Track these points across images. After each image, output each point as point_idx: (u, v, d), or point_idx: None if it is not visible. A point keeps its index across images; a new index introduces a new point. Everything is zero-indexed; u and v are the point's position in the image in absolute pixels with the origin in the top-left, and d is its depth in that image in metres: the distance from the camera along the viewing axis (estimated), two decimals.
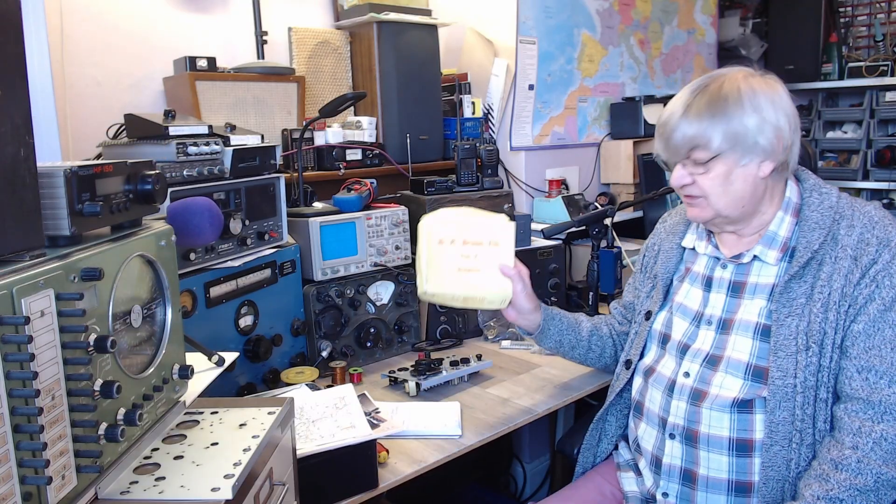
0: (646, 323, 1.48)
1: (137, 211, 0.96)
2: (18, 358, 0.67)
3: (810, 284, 1.24)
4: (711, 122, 1.23)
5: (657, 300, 1.47)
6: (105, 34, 1.92)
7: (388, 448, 1.38)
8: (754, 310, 1.29)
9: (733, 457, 1.26)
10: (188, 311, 1.45)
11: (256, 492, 0.90)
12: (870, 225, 1.25)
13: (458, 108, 2.55)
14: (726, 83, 1.25)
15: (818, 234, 1.25)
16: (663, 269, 1.48)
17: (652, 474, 1.38)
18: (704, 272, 1.40)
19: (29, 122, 0.75)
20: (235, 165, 1.59)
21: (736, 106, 1.23)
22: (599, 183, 2.90)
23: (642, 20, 3.01)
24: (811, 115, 3.85)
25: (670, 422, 1.33)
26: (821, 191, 1.32)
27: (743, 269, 1.34)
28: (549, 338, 1.61)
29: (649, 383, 1.41)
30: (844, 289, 1.21)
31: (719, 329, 1.32)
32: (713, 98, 1.24)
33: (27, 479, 0.69)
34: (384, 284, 1.93)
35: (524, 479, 2.65)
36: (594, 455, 1.55)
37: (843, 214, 1.27)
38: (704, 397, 1.29)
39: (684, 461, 1.32)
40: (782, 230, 1.30)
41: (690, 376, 1.32)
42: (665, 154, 1.32)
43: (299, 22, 2.31)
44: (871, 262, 1.21)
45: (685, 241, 1.46)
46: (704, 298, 1.37)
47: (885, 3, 3.78)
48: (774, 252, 1.30)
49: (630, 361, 1.49)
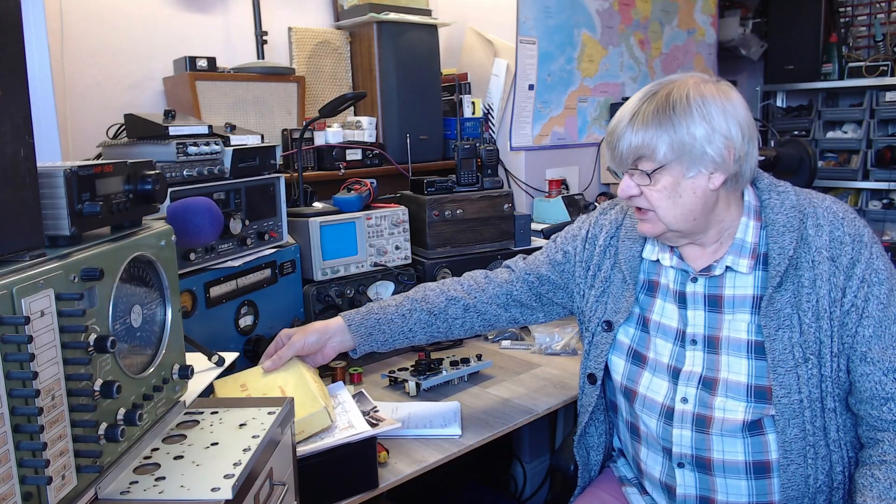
0: (606, 334, 1.37)
1: (137, 211, 0.96)
2: (18, 358, 0.67)
3: (792, 293, 1.20)
4: (657, 132, 1.16)
5: (620, 310, 1.35)
6: (105, 34, 1.92)
7: (388, 448, 1.37)
8: (741, 326, 1.23)
9: (752, 480, 1.22)
10: (188, 311, 1.45)
11: (256, 492, 0.90)
12: (836, 222, 1.21)
13: (458, 108, 2.55)
14: (675, 90, 1.18)
15: (789, 237, 1.20)
16: (629, 277, 1.35)
17: (665, 500, 1.33)
18: (675, 287, 1.30)
19: (29, 122, 0.75)
20: (235, 165, 1.59)
21: (683, 114, 1.16)
22: (599, 183, 2.90)
23: (642, 20, 3.01)
24: (811, 115, 3.85)
25: (675, 452, 1.26)
26: (777, 190, 1.26)
27: (716, 281, 1.26)
28: (366, 348, 1.48)
29: (636, 407, 1.32)
30: (832, 293, 1.18)
31: (706, 348, 1.25)
32: (660, 106, 1.17)
33: (27, 479, 0.69)
34: (384, 284, 1.93)
35: (524, 479, 2.65)
36: (588, 471, 1.49)
37: (807, 213, 1.23)
38: (710, 423, 1.22)
39: (699, 489, 1.26)
40: (749, 236, 1.24)
41: (689, 402, 1.25)
42: (612, 164, 1.26)
43: (299, 22, 2.32)
44: (852, 262, 1.19)
45: (646, 253, 1.35)
46: (682, 316, 1.28)
47: (885, 3, 3.78)
48: (746, 260, 1.24)
49: (594, 376, 1.39)
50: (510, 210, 2.14)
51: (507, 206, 2.13)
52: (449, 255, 2.05)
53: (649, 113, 1.17)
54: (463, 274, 1.60)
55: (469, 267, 2.04)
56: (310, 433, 1.24)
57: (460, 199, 2.06)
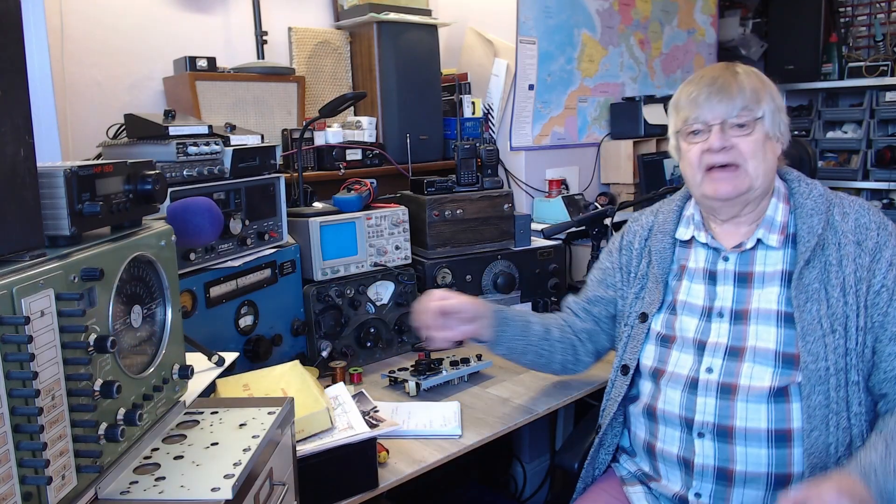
0: (641, 325, 1.43)
1: (137, 211, 0.96)
2: (18, 358, 0.67)
3: (820, 270, 1.27)
4: (761, 87, 1.30)
5: (653, 301, 1.43)
6: (105, 34, 1.92)
7: (388, 448, 1.37)
8: (771, 297, 1.29)
9: (772, 448, 1.25)
10: (188, 311, 1.45)
11: (256, 492, 0.90)
12: (862, 210, 1.31)
13: (458, 108, 2.55)
14: (750, 68, 1.35)
15: (817, 219, 1.29)
16: (659, 270, 1.43)
17: (681, 475, 1.34)
18: (705, 266, 1.38)
19: (29, 122, 0.75)
20: (235, 165, 1.59)
21: (770, 84, 1.32)
22: (599, 183, 2.90)
23: (642, 20, 3.01)
24: (811, 115, 3.85)
25: (697, 420, 1.29)
26: (806, 181, 1.37)
27: (746, 258, 1.33)
28: (500, 345, 1.55)
29: (661, 385, 1.37)
30: (857, 272, 1.25)
31: (733, 320, 1.31)
32: (754, 71, 1.33)
33: (27, 479, 0.69)
34: (384, 284, 1.93)
35: (524, 479, 2.65)
36: (594, 468, 1.49)
37: (833, 202, 1.33)
38: (735, 390, 1.27)
39: (717, 459, 1.28)
40: (778, 215, 1.34)
41: (714, 371, 1.29)
42: (709, 114, 1.29)
43: (299, 22, 2.32)
44: (878, 247, 1.26)
45: (679, 234, 1.44)
46: (710, 292, 1.35)
47: (885, 3, 3.78)
48: (776, 235, 1.32)
49: (627, 367, 1.44)
50: (510, 210, 2.14)
51: (507, 206, 2.13)
52: (449, 255, 2.05)
53: (751, 73, 1.32)
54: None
55: (469, 267, 2.05)
56: (310, 433, 1.24)
57: (460, 199, 2.06)
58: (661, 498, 1.39)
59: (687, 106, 1.32)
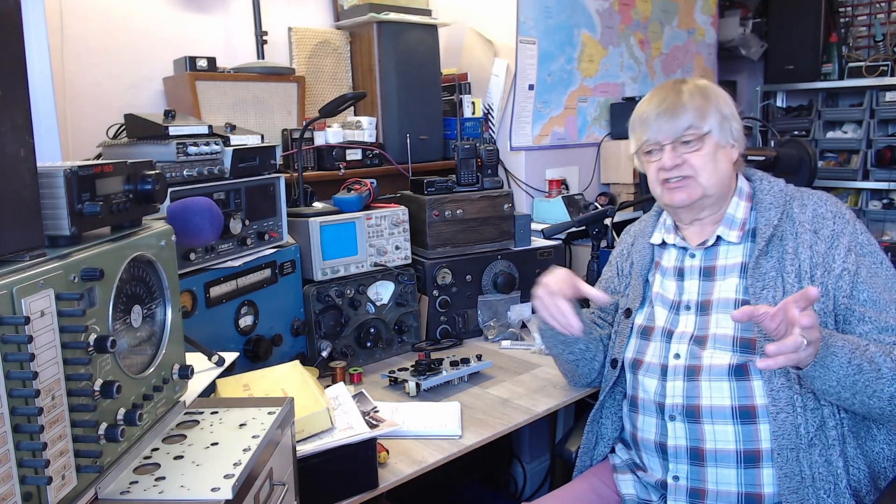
0: (626, 321, 1.52)
1: (137, 211, 0.96)
2: (18, 358, 0.67)
3: (777, 259, 1.34)
4: (704, 104, 1.38)
5: (636, 297, 1.52)
6: (105, 34, 1.92)
7: (388, 448, 1.38)
8: (730, 287, 1.37)
9: (738, 425, 1.30)
10: (188, 311, 1.45)
11: (256, 492, 0.90)
12: (820, 202, 1.38)
13: (458, 108, 2.55)
14: (695, 81, 1.44)
15: (774, 212, 1.38)
16: (639, 267, 1.54)
17: (659, 461, 1.40)
18: (675, 264, 1.48)
19: (29, 122, 0.75)
20: (235, 165, 1.59)
21: (715, 96, 1.40)
22: (599, 183, 2.90)
23: (642, 20, 3.01)
24: (811, 115, 3.85)
25: (668, 403, 1.36)
26: (769, 180, 1.45)
27: (710, 253, 1.43)
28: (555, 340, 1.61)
29: (639, 375, 1.45)
30: (813, 258, 1.31)
31: (698, 312, 1.40)
32: (698, 87, 1.41)
33: (27, 479, 0.69)
34: (384, 284, 1.93)
35: (524, 479, 2.65)
36: (591, 458, 1.56)
37: (793, 196, 1.41)
38: (699, 371, 1.34)
39: (689, 440, 1.34)
40: (739, 213, 1.42)
41: (681, 357, 1.37)
42: (659, 136, 1.39)
43: (299, 22, 2.32)
44: (834, 234, 1.32)
45: (654, 239, 1.54)
46: (679, 287, 1.45)
47: (885, 3, 3.78)
48: (735, 231, 1.40)
49: (616, 360, 1.52)
50: (510, 210, 2.14)
51: (507, 206, 2.13)
52: (449, 255, 2.05)
53: (694, 90, 1.40)
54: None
55: (469, 267, 2.05)
56: (310, 433, 1.24)
57: (460, 199, 2.06)
58: (648, 486, 1.44)
59: (639, 129, 1.43)
